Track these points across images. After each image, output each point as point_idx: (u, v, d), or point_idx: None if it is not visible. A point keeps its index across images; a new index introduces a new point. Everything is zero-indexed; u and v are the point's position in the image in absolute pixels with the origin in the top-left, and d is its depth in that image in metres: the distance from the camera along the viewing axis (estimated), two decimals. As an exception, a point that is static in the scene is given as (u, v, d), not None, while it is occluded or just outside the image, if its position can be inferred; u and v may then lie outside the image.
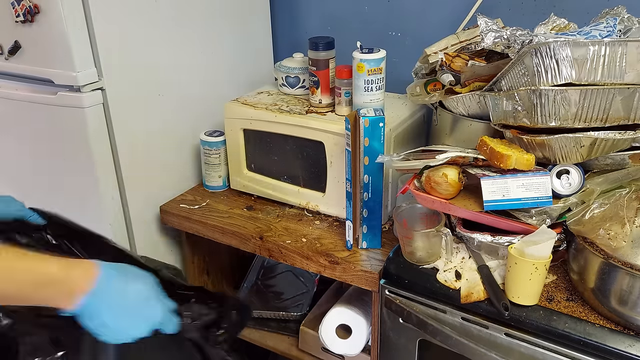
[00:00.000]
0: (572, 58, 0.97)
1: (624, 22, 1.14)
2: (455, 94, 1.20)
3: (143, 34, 1.34)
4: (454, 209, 1.10)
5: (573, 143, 1.00)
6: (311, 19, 1.79)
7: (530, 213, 1.04)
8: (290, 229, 1.35)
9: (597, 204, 0.99)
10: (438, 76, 1.25)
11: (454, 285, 1.07)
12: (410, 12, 1.61)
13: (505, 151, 1.04)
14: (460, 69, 1.20)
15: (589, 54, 0.96)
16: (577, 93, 0.96)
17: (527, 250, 0.97)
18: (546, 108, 0.99)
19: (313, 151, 1.33)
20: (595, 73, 0.97)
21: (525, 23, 1.45)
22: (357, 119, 1.12)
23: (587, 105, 0.97)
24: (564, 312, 0.98)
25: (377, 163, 1.15)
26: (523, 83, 1.03)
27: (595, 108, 0.98)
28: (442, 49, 1.27)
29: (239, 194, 1.51)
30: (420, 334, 1.11)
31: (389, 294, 1.14)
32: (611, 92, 0.96)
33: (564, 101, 0.97)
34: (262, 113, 1.36)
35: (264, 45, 1.77)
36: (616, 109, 0.98)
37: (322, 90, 1.35)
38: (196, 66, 1.51)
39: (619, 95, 0.97)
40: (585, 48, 0.96)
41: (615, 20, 1.11)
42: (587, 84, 0.97)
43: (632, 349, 0.90)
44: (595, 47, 0.96)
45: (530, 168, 1.04)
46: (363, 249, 1.25)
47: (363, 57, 1.20)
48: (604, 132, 0.99)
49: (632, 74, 0.97)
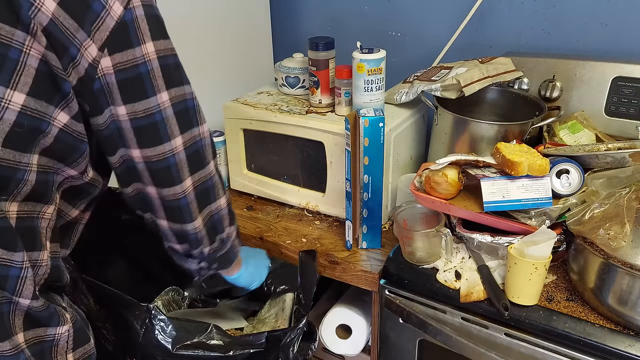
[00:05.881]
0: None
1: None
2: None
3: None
4: (453, 209, 1.10)
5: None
6: (311, 19, 1.79)
7: (529, 214, 1.04)
8: (290, 229, 1.35)
9: (597, 204, 0.99)
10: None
11: (453, 285, 1.07)
12: (410, 12, 1.61)
13: (516, 158, 1.04)
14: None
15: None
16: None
17: (527, 251, 0.97)
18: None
19: (313, 151, 1.32)
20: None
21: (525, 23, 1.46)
22: (357, 119, 1.12)
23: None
24: (563, 312, 0.98)
25: (377, 163, 1.15)
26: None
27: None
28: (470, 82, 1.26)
29: (239, 194, 1.51)
30: (420, 334, 1.11)
31: (389, 294, 1.14)
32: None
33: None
34: (262, 113, 1.36)
35: (264, 45, 1.77)
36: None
37: (322, 90, 1.34)
38: (196, 66, 1.51)
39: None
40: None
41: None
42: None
43: (632, 349, 0.90)
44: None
45: (544, 174, 1.03)
46: (363, 249, 1.25)
47: (363, 57, 1.20)
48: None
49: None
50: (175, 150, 0.81)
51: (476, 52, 1.47)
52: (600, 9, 1.36)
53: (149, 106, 0.77)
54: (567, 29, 1.41)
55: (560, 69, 1.34)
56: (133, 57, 0.74)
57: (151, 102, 0.77)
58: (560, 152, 1.13)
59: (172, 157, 0.81)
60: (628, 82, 1.26)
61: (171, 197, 0.84)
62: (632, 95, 1.26)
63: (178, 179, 0.83)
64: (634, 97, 1.26)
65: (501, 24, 1.49)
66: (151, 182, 0.82)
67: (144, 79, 0.75)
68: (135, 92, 0.76)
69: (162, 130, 0.79)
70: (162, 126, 0.78)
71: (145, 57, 0.75)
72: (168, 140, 0.79)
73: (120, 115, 0.76)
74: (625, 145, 1.15)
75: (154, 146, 0.79)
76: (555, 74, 1.35)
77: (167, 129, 0.79)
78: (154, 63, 0.76)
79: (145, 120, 0.77)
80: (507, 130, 1.21)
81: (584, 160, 1.09)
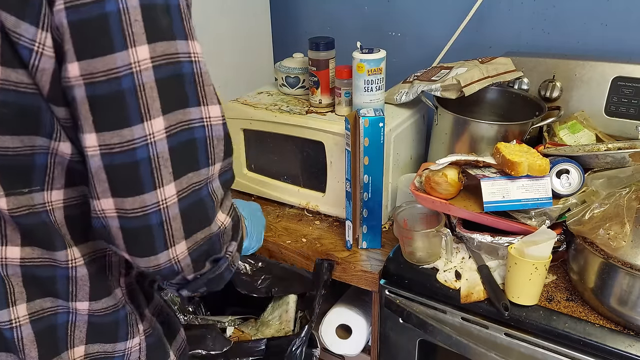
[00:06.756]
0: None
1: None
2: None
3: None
4: (453, 209, 1.10)
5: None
6: (311, 19, 1.79)
7: (529, 214, 1.04)
8: (290, 229, 1.35)
9: (597, 204, 0.99)
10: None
11: (454, 285, 1.07)
12: (410, 12, 1.61)
13: (516, 158, 1.04)
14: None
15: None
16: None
17: (527, 251, 0.97)
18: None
19: (313, 151, 1.32)
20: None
21: (525, 23, 1.46)
22: (357, 119, 1.12)
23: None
24: (563, 312, 0.98)
25: (377, 163, 1.15)
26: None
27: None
28: (469, 82, 1.25)
29: (239, 194, 1.51)
30: (420, 334, 1.11)
31: (389, 294, 1.14)
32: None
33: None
34: (262, 113, 1.36)
35: (264, 46, 1.77)
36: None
37: (322, 91, 1.34)
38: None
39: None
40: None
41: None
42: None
43: (632, 349, 0.90)
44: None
45: (544, 174, 1.03)
46: (363, 249, 1.25)
47: (363, 57, 1.20)
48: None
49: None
50: (161, 204, 0.59)
51: (476, 52, 1.47)
52: (600, 9, 1.36)
53: (130, 139, 0.56)
54: (567, 29, 1.41)
55: (560, 69, 1.34)
56: (113, 67, 0.54)
57: (134, 132, 0.56)
58: (560, 152, 1.13)
59: (155, 213, 0.58)
60: (628, 82, 1.26)
61: (153, 268, 0.62)
62: (632, 95, 1.26)
63: (161, 247, 0.60)
64: (634, 97, 1.26)
65: (501, 24, 1.49)
66: (124, 248, 0.60)
67: (125, 97, 0.55)
68: (111, 117, 0.55)
69: (144, 174, 0.57)
70: (145, 168, 0.57)
71: (133, 67, 0.55)
72: (152, 190, 0.58)
73: (89, 147, 0.56)
74: (625, 145, 1.15)
75: (131, 196, 0.57)
76: (555, 74, 1.35)
77: (154, 172, 0.58)
78: (143, 75, 0.55)
79: (122, 157, 0.56)
80: (507, 130, 1.21)
81: (584, 160, 1.09)
